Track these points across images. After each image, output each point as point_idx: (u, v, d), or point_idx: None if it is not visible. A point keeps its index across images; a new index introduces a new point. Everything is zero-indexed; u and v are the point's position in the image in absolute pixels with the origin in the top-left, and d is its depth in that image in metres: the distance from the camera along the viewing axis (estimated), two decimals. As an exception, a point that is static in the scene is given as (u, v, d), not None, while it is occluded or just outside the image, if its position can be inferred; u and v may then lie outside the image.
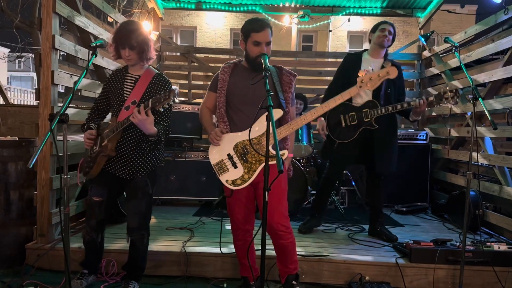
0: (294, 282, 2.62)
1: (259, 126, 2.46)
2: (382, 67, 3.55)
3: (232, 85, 2.56)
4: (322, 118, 3.63)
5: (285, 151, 2.47)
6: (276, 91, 2.54)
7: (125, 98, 2.60)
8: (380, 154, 3.54)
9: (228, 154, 2.52)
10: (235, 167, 2.50)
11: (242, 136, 2.51)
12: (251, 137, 2.45)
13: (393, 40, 3.58)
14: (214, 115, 2.73)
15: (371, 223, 3.77)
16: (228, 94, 2.55)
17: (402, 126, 6.32)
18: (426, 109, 3.34)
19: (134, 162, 2.61)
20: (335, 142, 3.61)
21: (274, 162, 2.30)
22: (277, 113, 2.48)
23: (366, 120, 3.44)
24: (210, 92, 2.66)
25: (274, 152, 2.36)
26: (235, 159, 2.51)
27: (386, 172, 3.64)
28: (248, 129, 2.44)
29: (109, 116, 2.84)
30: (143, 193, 2.64)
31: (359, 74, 2.49)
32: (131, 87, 2.62)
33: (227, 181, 2.50)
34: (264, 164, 2.44)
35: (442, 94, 3.15)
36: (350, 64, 3.64)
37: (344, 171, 4.54)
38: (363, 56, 3.66)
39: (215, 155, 2.56)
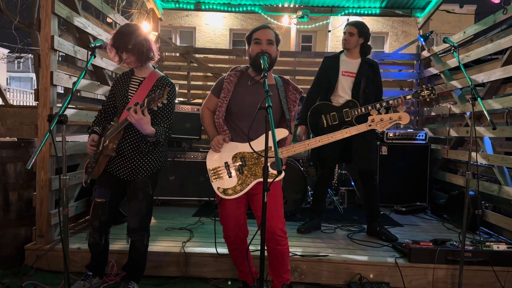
0: None
1: (261, 142, 2.41)
2: (360, 66, 3.64)
3: (235, 95, 2.54)
4: (304, 126, 3.70)
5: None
6: (282, 109, 2.54)
7: (129, 99, 2.61)
8: (358, 151, 3.62)
9: (226, 163, 2.52)
10: (230, 176, 2.50)
11: (243, 147, 2.50)
12: (252, 151, 2.44)
13: (361, 36, 3.62)
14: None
15: (369, 223, 3.77)
16: (230, 104, 2.53)
17: (402, 126, 6.32)
18: (405, 107, 3.41)
19: (134, 162, 2.61)
20: None
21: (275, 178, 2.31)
22: (281, 133, 2.49)
23: (347, 119, 3.53)
24: (212, 95, 2.64)
25: (273, 171, 2.37)
26: (232, 169, 2.50)
27: (366, 168, 3.69)
28: (249, 143, 2.46)
29: None
30: (144, 194, 2.64)
31: (371, 113, 2.52)
32: (136, 89, 2.63)
33: (218, 188, 2.49)
34: (258, 180, 2.46)
35: (419, 92, 3.30)
36: (329, 67, 3.72)
37: (334, 170, 4.53)
38: (340, 58, 3.72)
39: (213, 160, 2.55)
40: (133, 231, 2.67)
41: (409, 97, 3.39)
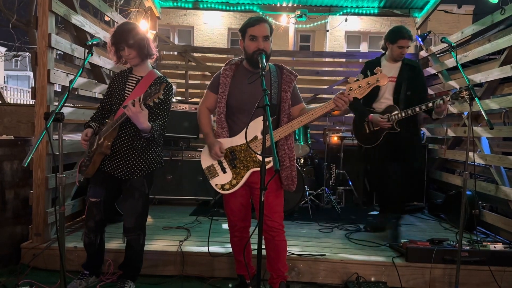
0: None
1: (250, 132, 2.44)
2: (400, 69, 3.57)
3: (233, 89, 2.53)
4: (372, 115, 3.56)
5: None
6: (271, 92, 2.49)
7: (126, 97, 2.59)
8: (403, 153, 3.56)
9: (218, 159, 2.53)
10: (224, 172, 2.52)
11: (232, 141, 2.52)
12: (240, 143, 2.48)
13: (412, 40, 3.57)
14: (212, 115, 2.72)
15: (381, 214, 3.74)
16: (229, 98, 2.53)
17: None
18: (447, 107, 3.31)
19: (129, 161, 2.59)
20: (362, 147, 3.71)
21: (270, 166, 2.32)
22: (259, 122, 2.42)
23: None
24: (210, 92, 2.63)
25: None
26: (225, 164, 2.52)
27: (408, 168, 3.65)
28: (235, 137, 2.48)
29: None
30: (140, 193, 2.63)
31: (348, 81, 2.44)
32: (133, 87, 2.62)
33: (216, 185, 2.53)
34: (252, 170, 2.48)
35: (458, 93, 3.09)
36: (371, 72, 3.62)
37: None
38: (381, 62, 3.66)
39: (206, 159, 2.58)
40: (129, 230, 2.65)
41: (447, 99, 3.25)
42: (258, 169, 2.39)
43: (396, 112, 3.50)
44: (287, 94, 2.53)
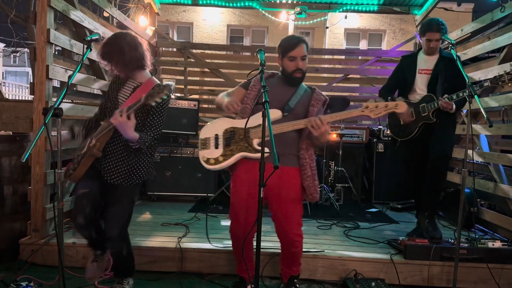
0: (295, 280, 2.76)
1: (255, 120, 2.44)
2: (437, 62, 3.45)
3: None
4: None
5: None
6: (287, 102, 2.56)
7: (120, 102, 2.51)
8: (434, 141, 3.42)
9: (216, 134, 2.57)
10: (216, 147, 2.55)
11: (236, 122, 2.55)
12: (243, 126, 2.46)
13: (445, 32, 3.39)
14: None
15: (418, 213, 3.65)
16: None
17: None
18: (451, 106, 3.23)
19: (122, 166, 2.49)
20: (397, 141, 3.61)
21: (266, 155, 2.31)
22: (274, 114, 2.45)
23: (423, 114, 3.40)
24: (241, 88, 2.70)
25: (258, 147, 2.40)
26: (220, 140, 2.56)
27: (437, 155, 3.44)
28: (243, 119, 2.49)
29: None
30: (129, 200, 2.53)
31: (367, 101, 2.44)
32: (129, 93, 2.53)
33: (203, 157, 2.56)
34: (241, 153, 2.49)
35: (498, 77, 3.04)
36: (406, 66, 3.59)
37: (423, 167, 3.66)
38: (418, 56, 3.58)
39: (206, 131, 2.62)
40: (112, 240, 2.52)
41: (486, 84, 3.13)
42: (250, 154, 2.45)
43: (433, 101, 3.35)
44: (314, 109, 2.59)
